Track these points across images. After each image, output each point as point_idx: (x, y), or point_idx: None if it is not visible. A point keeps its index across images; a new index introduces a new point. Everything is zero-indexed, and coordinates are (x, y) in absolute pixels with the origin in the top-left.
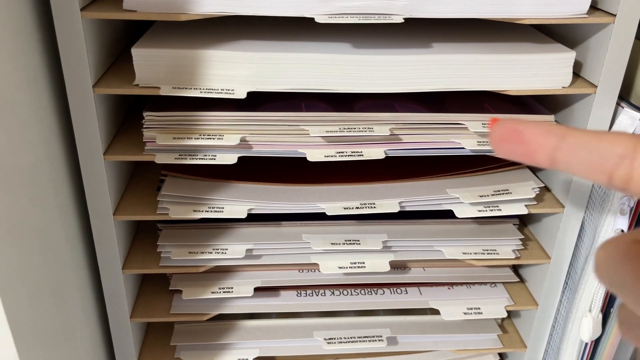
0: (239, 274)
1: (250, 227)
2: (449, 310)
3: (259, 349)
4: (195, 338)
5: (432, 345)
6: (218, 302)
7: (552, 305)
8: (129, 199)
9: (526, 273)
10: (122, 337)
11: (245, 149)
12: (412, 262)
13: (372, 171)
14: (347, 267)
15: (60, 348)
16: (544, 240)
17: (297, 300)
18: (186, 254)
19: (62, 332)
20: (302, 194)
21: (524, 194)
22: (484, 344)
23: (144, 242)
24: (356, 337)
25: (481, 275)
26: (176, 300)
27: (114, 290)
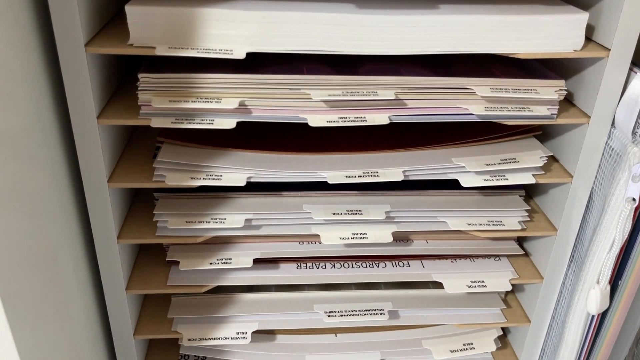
0: (237, 246)
1: (250, 197)
2: (452, 283)
3: (258, 323)
4: (192, 311)
5: (435, 319)
6: (216, 273)
7: (557, 279)
8: (124, 166)
9: (531, 247)
10: (118, 309)
11: (244, 114)
12: (415, 234)
13: (375, 141)
14: (349, 238)
15: (54, 320)
16: (550, 212)
17: (297, 272)
18: (183, 223)
19: (56, 303)
20: (303, 162)
21: (532, 162)
22: (487, 319)
23: (140, 212)
24: (357, 311)
25: (485, 248)
26: (173, 272)
27: (109, 261)
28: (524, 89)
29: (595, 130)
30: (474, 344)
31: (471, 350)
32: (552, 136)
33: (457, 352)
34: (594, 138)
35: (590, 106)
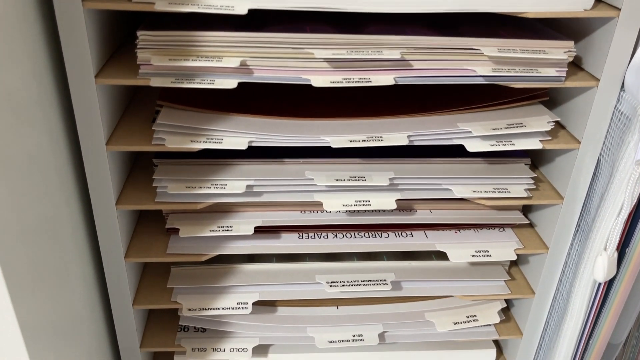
0: (238, 214)
1: (251, 164)
2: (456, 253)
3: (259, 293)
4: (192, 281)
5: (438, 291)
6: (217, 242)
7: (563, 249)
8: (123, 130)
9: (536, 218)
10: (116, 278)
11: (245, 74)
12: (419, 203)
13: (379, 108)
14: (352, 205)
15: (52, 287)
16: (556, 181)
17: (299, 242)
18: (183, 188)
19: (54, 271)
20: (306, 127)
21: (539, 127)
22: (491, 290)
23: (139, 178)
24: (359, 281)
25: (490, 217)
26: (173, 240)
27: (107, 228)
28: (532, 50)
29: (605, 94)
30: (477, 316)
31: (474, 322)
32: (559, 103)
33: (460, 324)
34: (602, 102)
35: (599, 69)
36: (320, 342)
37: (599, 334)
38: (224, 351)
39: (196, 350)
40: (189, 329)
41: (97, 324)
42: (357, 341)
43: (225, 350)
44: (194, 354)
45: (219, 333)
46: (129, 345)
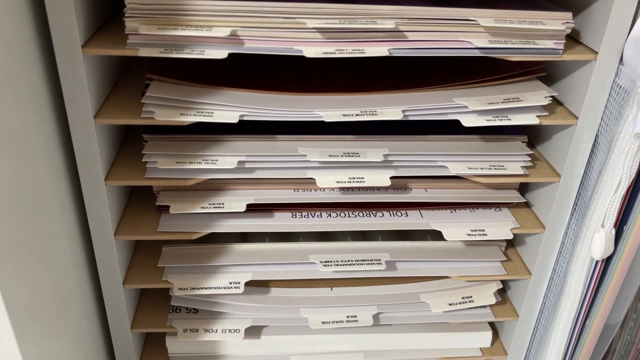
0: (230, 192)
1: (243, 140)
2: (451, 231)
3: (251, 273)
4: (184, 260)
5: (433, 271)
6: (208, 219)
7: (560, 228)
8: (112, 103)
9: (533, 197)
10: (106, 256)
11: (236, 44)
12: (414, 182)
13: (374, 85)
14: (346, 182)
15: (40, 267)
16: (553, 159)
17: (292, 221)
18: (173, 163)
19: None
20: (298, 102)
21: (536, 101)
22: (487, 271)
23: (129, 155)
24: (353, 261)
25: (486, 196)
26: (164, 219)
27: (96, 204)
28: (530, 21)
29: (603, 67)
30: (472, 297)
31: (470, 303)
32: (556, 79)
33: (455, 305)
34: (601, 76)
35: (597, 42)
36: (313, 323)
37: (595, 314)
38: (216, 332)
39: (188, 331)
40: (181, 310)
41: (86, 304)
42: (351, 322)
43: (218, 331)
44: (185, 335)
45: (211, 314)
46: (120, 325)
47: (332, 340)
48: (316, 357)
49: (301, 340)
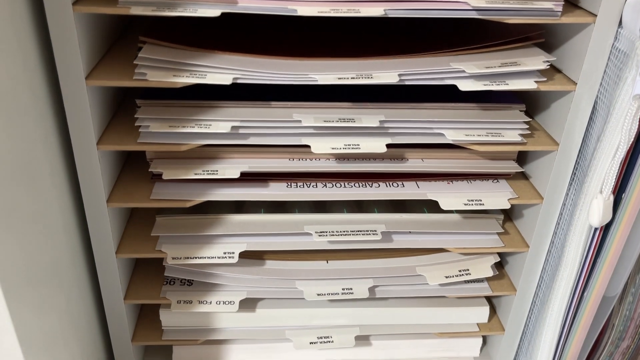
0: (224, 160)
1: (237, 106)
2: (448, 201)
3: (246, 244)
4: (178, 230)
5: (429, 243)
6: (202, 188)
7: (558, 199)
8: (105, 66)
9: (530, 169)
10: (99, 224)
11: (229, 3)
12: (410, 151)
13: (370, 51)
14: (341, 148)
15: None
16: (551, 127)
17: (287, 190)
18: (166, 127)
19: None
20: (293, 66)
21: (534, 65)
22: (484, 243)
23: (122, 121)
24: (349, 231)
25: (484, 166)
26: (157, 187)
27: (88, 169)
28: None
29: (602, 31)
30: (470, 270)
31: (467, 276)
32: (554, 46)
33: (452, 277)
34: (599, 39)
35: (596, 5)
36: (308, 295)
37: (594, 284)
38: (210, 304)
39: (182, 302)
40: (175, 282)
41: (79, 273)
42: (346, 294)
43: (212, 302)
44: (179, 306)
45: (205, 286)
46: (113, 296)
47: (328, 315)
48: (311, 331)
49: (296, 314)
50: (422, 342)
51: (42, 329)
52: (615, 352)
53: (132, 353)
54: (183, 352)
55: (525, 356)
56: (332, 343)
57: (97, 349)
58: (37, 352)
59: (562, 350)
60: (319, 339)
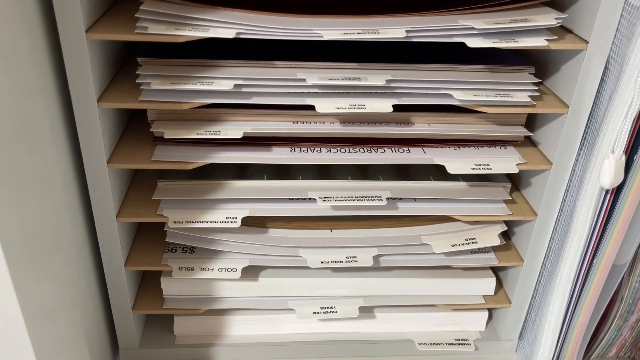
0: (227, 122)
1: (239, 66)
2: (455, 165)
3: (249, 209)
4: (179, 194)
5: (435, 211)
6: (204, 151)
7: (567, 163)
8: (105, 21)
9: (539, 135)
10: (99, 186)
11: None
12: (417, 115)
13: (376, 11)
14: (346, 108)
15: (28, 192)
16: (561, 91)
17: (291, 154)
18: (168, 84)
19: (31, 175)
20: (298, 22)
21: (545, 21)
22: (491, 211)
23: (123, 80)
24: (353, 197)
25: (492, 130)
26: (159, 149)
27: (88, 128)
28: None
29: None
30: (476, 239)
31: (473, 245)
32: (565, 7)
33: (458, 246)
34: None
35: None
36: (312, 263)
37: (604, 251)
38: (212, 270)
39: (183, 269)
40: (177, 250)
41: (78, 237)
42: (350, 262)
43: (214, 269)
44: (180, 273)
45: (207, 253)
46: (113, 261)
47: (331, 285)
48: (315, 301)
49: (299, 283)
50: (426, 315)
51: (42, 295)
52: (624, 325)
53: (133, 322)
54: (184, 323)
55: (532, 329)
56: (336, 313)
57: (97, 318)
58: (38, 318)
59: (570, 322)
60: (322, 309)
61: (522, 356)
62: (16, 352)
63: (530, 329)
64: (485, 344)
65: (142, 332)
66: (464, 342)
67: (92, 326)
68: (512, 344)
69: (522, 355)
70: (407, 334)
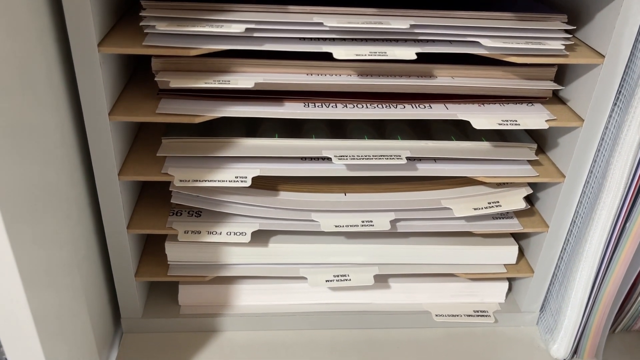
0: (237, 74)
1: (252, 10)
2: (480, 121)
3: (259, 169)
4: (186, 152)
5: (457, 172)
6: (212, 104)
7: (600, 120)
8: None
9: (569, 92)
10: (100, 140)
11: None
12: (440, 68)
13: None
14: (366, 55)
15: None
16: (595, 42)
17: (304, 109)
18: (175, 26)
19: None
20: None
21: None
22: (516, 173)
23: (127, 26)
24: (371, 156)
25: (519, 84)
26: (164, 102)
27: (89, 76)
28: None
29: None
30: (500, 202)
31: (497, 208)
32: None
33: (481, 209)
34: None
35: None
36: (325, 226)
37: (638, 212)
38: (220, 234)
39: (189, 232)
40: (182, 214)
41: (78, 196)
42: (366, 226)
43: (222, 233)
44: (186, 236)
45: (215, 217)
46: (115, 223)
47: (345, 252)
48: (327, 269)
49: (312, 250)
50: (444, 285)
51: (40, 256)
52: None
53: (136, 290)
54: (189, 291)
55: (556, 300)
56: (350, 281)
57: (98, 285)
58: (36, 282)
59: (598, 291)
60: (335, 277)
61: (544, 328)
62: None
63: (554, 299)
64: (505, 315)
65: (145, 301)
66: (483, 314)
67: (93, 293)
68: (533, 316)
69: (544, 328)
70: (423, 305)
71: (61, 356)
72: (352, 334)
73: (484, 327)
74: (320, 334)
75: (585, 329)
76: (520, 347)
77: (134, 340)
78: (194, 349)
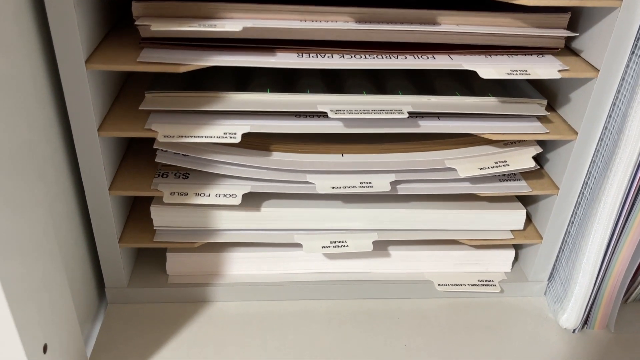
0: (224, 20)
1: None
2: (488, 70)
3: (250, 126)
4: (171, 105)
5: (461, 129)
6: (198, 54)
7: (617, 70)
8: None
9: (582, 41)
10: (77, 90)
11: None
12: (443, 15)
13: None
14: None
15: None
16: None
17: (298, 59)
18: None
19: None
20: None
21: None
22: (524, 129)
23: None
24: (370, 110)
25: (529, 32)
26: (146, 51)
27: (63, 19)
28: None
29: None
30: (507, 162)
31: (504, 167)
32: None
33: (487, 169)
34: None
35: None
36: (321, 187)
37: None
38: (209, 196)
39: (176, 194)
40: (169, 175)
41: (55, 153)
42: (364, 188)
43: (211, 195)
44: (172, 198)
45: (203, 178)
46: (95, 184)
47: (342, 217)
48: (324, 235)
49: (307, 215)
50: (446, 253)
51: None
52: None
53: (120, 257)
54: (178, 259)
55: (566, 268)
56: (347, 247)
57: (80, 252)
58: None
59: (612, 257)
60: (331, 243)
61: (553, 298)
62: None
63: (563, 267)
64: (511, 285)
65: (131, 270)
66: (488, 283)
67: (75, 261)
68: (541, 286)
69: (552, 298)
70: (425, 274)
71: (37, 327)
72: (350, 305)
73: (489, 297)
74: (316, 304)
75: (597, 298)
76: (527, 318)
77: (119, 311)
78: (182, 320)
